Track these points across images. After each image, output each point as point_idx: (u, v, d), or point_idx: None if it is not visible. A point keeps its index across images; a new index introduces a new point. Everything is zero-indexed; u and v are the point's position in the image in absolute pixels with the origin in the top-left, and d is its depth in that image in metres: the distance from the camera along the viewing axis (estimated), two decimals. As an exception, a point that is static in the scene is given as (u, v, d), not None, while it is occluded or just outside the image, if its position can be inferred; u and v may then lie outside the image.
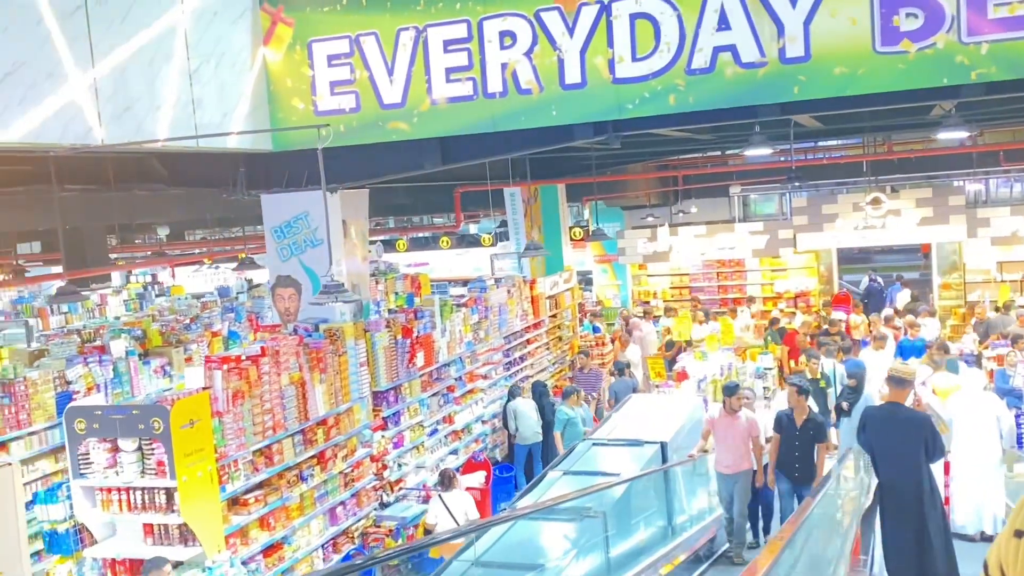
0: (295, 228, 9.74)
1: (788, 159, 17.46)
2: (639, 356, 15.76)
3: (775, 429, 9.40)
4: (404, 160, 9.40)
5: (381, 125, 8.37)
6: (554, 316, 16.28)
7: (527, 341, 14.93)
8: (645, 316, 18.43)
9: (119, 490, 7.24)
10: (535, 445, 12.40)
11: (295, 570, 8.41)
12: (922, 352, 12.55)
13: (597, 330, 17.52)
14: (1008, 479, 9.45)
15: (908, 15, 6.93)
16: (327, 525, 8.99)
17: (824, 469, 8.99)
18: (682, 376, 13.74)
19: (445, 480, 9.38)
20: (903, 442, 6.97)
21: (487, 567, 7.14)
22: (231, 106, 8.27)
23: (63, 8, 6.53)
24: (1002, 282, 19.07)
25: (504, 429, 12.88)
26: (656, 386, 14.28)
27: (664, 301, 21.08)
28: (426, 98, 8.17)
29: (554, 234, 18.10)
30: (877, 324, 15.25)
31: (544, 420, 12.41)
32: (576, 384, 13.25)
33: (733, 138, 16.13)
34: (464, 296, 13.36)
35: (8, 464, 7.54)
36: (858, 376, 11.50)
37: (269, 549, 8.12)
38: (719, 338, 16.01)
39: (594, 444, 10.02)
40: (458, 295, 13.48)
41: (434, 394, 11.46)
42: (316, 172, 7.55)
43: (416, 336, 10.89)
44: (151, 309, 16.59)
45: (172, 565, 6.71)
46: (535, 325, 15.27)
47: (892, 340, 14.05)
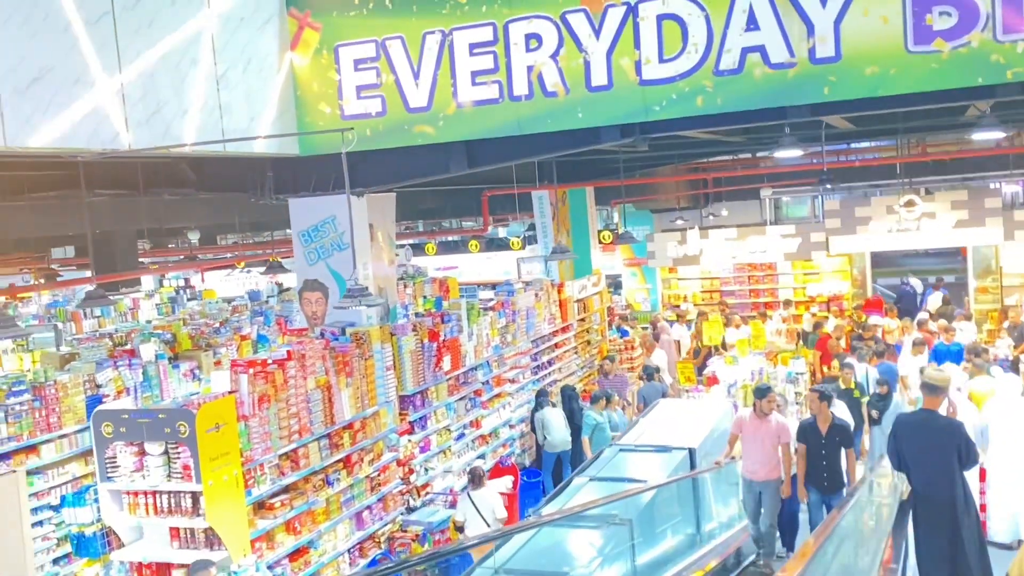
0: (322, 232, 9.77)
1: (820, 161, 17.26)
2: (666, 361, 15.61)
3: (799, 439, 9.21)
4: (430, 164, 9.37)
5: (407, 129, 8.36)
6: (582, 320, 16.18)
7: (555, 345, 14.84)
8: (679, 319, 18.27)
9: (145, 494, 7.30)
10: (564, 452, 12.31)
11: (321, 574, 8.40)
12: (958, 357, 12.35)
13: (625, 334, 17.39)
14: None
15: (941, 13, 6.78)
16: (353, 529, 8.99)
17: (856, 475, 8.82)
18: (712, 381, 13.61)
19: (475, 478, 9.34)
20: (936, 449, 6.84)
21: (511, 574, 7.07)
22: (258, 111, 8.30)
23: (90, 14, 6.57)
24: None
25: (532, 434, 12.81)
26: (685, 391, 14.15)
27: (695, 305, 20.92)
28: (452, 101, 8.15)
29: (582, 237, 18.00)
30: (910, 328, 15.03)
31: (573, 425, 12.33)
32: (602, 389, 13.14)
33: (764, 140, 15.97)
34: (492, 300, 13.32)
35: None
36: (888, 383, 11.32)
37: (295, 553, 8.12)
38: (750, 342, 15.85)
39: (621, 450, 9.92)
40: (486, 299, 13.44)
41: (461, 398, 11.41)
42: (343, 176, 7.56)
43: (443, 340, 10.86)
44: (182, 313, 16.70)
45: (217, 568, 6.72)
46: (563, 329, 15.18)
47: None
